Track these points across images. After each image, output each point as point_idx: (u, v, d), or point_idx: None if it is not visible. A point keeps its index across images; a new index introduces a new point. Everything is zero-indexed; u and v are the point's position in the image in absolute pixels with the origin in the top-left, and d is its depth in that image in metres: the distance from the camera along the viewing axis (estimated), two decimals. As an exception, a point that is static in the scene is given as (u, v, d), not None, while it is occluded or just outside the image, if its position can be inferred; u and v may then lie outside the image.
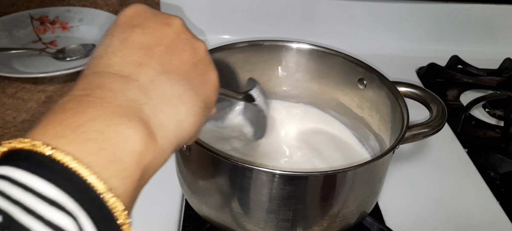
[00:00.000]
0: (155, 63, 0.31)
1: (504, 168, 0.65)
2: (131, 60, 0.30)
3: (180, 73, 0.32)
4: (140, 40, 0.31)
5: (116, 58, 0.30)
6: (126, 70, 0.30)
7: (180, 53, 0.33)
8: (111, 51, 0.31)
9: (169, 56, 0.32)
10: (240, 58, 0.62)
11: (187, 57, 0.33)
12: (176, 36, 0.33)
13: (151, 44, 0.31)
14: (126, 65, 0.30)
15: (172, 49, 0.32)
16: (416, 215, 0.58)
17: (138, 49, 0.31)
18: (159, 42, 0.32)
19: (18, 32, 0.89)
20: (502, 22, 0.95)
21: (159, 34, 0.32)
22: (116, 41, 0.31)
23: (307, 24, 0.92)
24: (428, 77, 0.87)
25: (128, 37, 0.31)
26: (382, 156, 0.46)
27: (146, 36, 0.32)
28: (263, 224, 0.46)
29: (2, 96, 0.73)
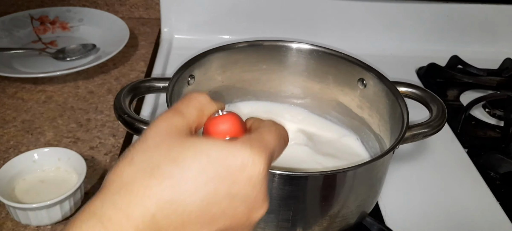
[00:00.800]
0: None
1: (504, 168, 0.65)
2: (182, 217, 0.28)
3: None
4: (219, 213, 0.29)
5: (175, 204, 0.27)
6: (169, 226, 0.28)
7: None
8: (183, 190, 0.28)
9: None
10: (240, 58, 0.62)
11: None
12: (245, 228, 0.31)
13: (219, 220, 0.29)
14: (172, 219, 0.28)
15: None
16: (416, 215, 0.58)
17: (203, 207, 0.28)
18: (227, 219, 0.29)
19: (18, 32, 0.89)
20: (502, 22, 0.95)
21: (234, 219, 0.30)
22: (196, 181, 0.28)
23: (307, 24, 0.92)
24: (428, 77, 0.87)
25: (206, 188, 0.28)
26: (382, 156, 0.46)
27: (227, 212, 0.29)
28: (263, 224, 0.46)
29: (2, 96, 0.73)
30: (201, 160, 0.28)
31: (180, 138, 0.30)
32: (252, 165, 0.29)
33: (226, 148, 0.29)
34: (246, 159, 0.29)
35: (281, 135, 0.33)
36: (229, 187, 0.29)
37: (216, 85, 0.62)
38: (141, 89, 0.54)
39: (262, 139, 0.31)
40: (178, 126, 0.31)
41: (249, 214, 0.30)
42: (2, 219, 0.53)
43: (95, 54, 0.84)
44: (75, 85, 0.77)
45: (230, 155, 0.29)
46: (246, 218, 0.30)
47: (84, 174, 0.53)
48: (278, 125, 0.34)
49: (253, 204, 0.30)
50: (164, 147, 0.29)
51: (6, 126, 0.67)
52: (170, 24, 0.92)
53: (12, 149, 0.62)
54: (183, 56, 0.59)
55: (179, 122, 0.31)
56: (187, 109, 0.32)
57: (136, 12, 1.00)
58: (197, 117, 0.32)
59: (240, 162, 0.29)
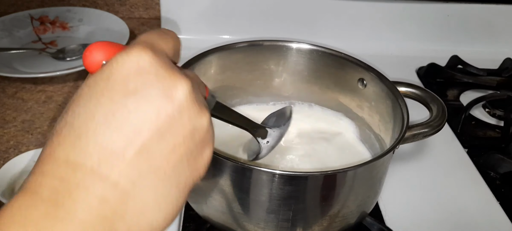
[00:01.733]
0: (142, 158, 0.26)
1: (504, 168, 0.65)
2: (114, 150, 0.25)
3: (168, 168, 0.27)
4: (131, 121, 0.26)
5: (97, 144, 0.25)
6: (107, 164, 0.25)
7: (175, 137, 0.27)
8: (92, 129, 0.25)
9: (160, 146, 0.26)
10: (240, 58, 0.62)
11: (182, 142, 0.27)
12: (176, 114, 0.27)
13: (143, 128, 0.26)
14: (108, 159, 0.25)
15: (166, 135, 0.27)
16: (416, 215, 0.58)
17: (126, 134, 0.25)
18: (152, 126, 0.26)
19: (18, 32, 0.89)
20: (502, 22, 0.95)
21: (155, 113, 0.26)
22: (101, 113, 0.25)
23: (307, 24, 0.92)
24: (428, 77, 0.87)
25: (116, 112, 0.25)
26: (382, 156, 0.46)
27: (139, 115, 0.26)
28: (263, 224, 0.46)
29: (2, 96, 0.73)
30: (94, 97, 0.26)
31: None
32: (136, 58, 0.26)
33: (103, 71, 0.27)
34: (120, 63, 0.26)
35: (162, 32, 0.30)
36: (129, 98, 0.26)
37: (216, 85, 0.62)
38: (141, 89, 0.54)
39: (136, 41, 0.28)
40: None
41: (168, 97, 0.27)
42: (2, 219, 0.53)
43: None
44: (75, 85, 0.77)
45: (111, 71, 0.26)
46: (169, 105, 0.27)
47: (84, 174, 0.53)
48: (160, 29, 0.31)
49: (162, 89, 0.26)
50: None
51: (6, 126, 0.67)
52: (170, 24, 0.92)
53: (12, 149, 0.62)
54: (183, 56, 0.59)
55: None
56: None
57: (136, 12, 1.00)
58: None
59: (126, 68, 0.26)
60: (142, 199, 0.26)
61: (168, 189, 0.27)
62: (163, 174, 0.27)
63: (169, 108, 0.27)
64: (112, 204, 0.25)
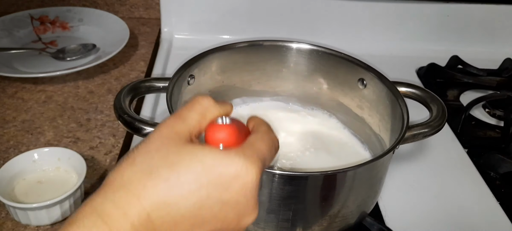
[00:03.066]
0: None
1: (504, 168, 0.65)
2: (175, 221, 0.30)
3: None
4: (204, 218, 0.31)
5: (167, 207, 0.29)
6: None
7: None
8: (176, 194, 0.30)
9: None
10: (240, 58, 0.62)
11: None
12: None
13: (210, 220, 0.31)
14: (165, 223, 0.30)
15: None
16: (416, 215, 0.58)
17: (195, 213, 0.30)
18: (217, 226, 0.32)
19: (18, 32, 0.89)
20: (502, 22, 0.95)
21: (222, 227, 0.32)
22: (189, 187, 0.30)
23: (307, 24, 0.92)
24: (428, 77, 0.87)
25: (202, 208, 0.30)
26: (382, 156, 0.46)
27: (211, 222, 0.31)
28: (263, 224, 0.46)
29: (2, 96, 0.73)
30: (196, 166, 0.30)
31: (179, 144, 0.31)
32: (245, 174, 0.31)
33: (220, 157, 0.31)
34: (239, 168, 0.31)
35: (273, 144, 0.35)
36: (221, 194, 0.30)
37: (216, 85, 0.62)
38: (141, 89, 0.54)
39: (255, 148, 0.32)
40: (179, 132, 0.32)
41: (239, 219, 0.32)
42: (2, 219, 0.53)
43: (95, 54, 0.84)
44: (75, 85, 0.77)
45: (223, 164, 0.30)
46: (235, 223, 0.32)
47: (84, 174, 0.53)
48: (271, 133, 0.36)
49: (244, 210, 0.32)
50: (163, 151, 0.31)
51: (6, 126, 0.67)
52: (170, 24, 0.92)
53: (12, 149, 0.62)
54: (183, 56, 0.59)
55: (180, 128, 0.32)
56: (189, 114, 0.33)
57: (136, 12, 1.00)
58: (198, 122, 0.33)
59: (233, 171, 0.30)
60: None
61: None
62: None
63: (234, 225, 0.32)
64: None
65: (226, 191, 0.30)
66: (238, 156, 0.31)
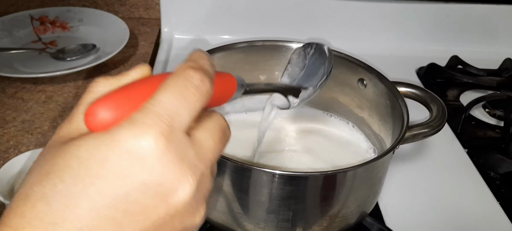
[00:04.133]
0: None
1: (504, 168, 0.65)
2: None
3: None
4: (117, 219, 0.23)
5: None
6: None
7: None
8: (70, 219, 0.22)
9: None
10: (240, 58, 0.62)
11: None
12: (168, 218, 0.25)
13: (128, 228, 0.23)
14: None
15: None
16: (416, 215, 0.58)
17: (106, 228, 0.23)
18: (138, 226, 0.24)
19: (18, 32, 0.89)
20: (502, 22, 0.95)
21: (145, 214, 0.24)
22: (84, 207, 0.22)
23: (307, 24, 0.92)
24: (428, 78, 0.87)
25: (102, 209, 0.23)
26: (382, 156, 0.46)
27: (127, 214, 0.23)
28: (263, 224, 0.46)
29: (2, 96, 0.73)
30: (72, 164, 0.23)
31: (55, 148, 0.25)
32: (137, 145, 0.23)
33: (98, 140, 0.23)
34: (127, 141, 0.23)
35: (192, 87, 0.25)
36: (117, 188, 0.23)
37: (216, 85, 0.62)
38: (141, 89, 0.54)
39: (150, 107, 0.24)
40: (62, 136, 0.26)
41: (164, 201, 0.24)
42: (2, 219, 0.53)
43: (95, 54, 0.84)
44: (75, 85, 0.77)
45: (104, 147, 0.23)
46: (162, 208, 0.24)
47: (84, 174, 0.53)
48: (188, 73, 0.26)
49: (160, 189, 0.24)
50: (37, 166, 0.24)
51: (6, 126, 0.67)
52: (170, 24, 0.92)
53: (12, 149, 0.62)
54: (183, 56, 0.59)
55: (63, 132, 0.26)
56: (76, 112, 0.26)
57: (136, 12, 1.00)
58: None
59: (123, 148, 0.23)
60: None
61: None
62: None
63: (162, 212, 0.24)
64: None
65: (125, 178, 0.23)
66: (123, 129, 0.23)
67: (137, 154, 0.23)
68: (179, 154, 0.24)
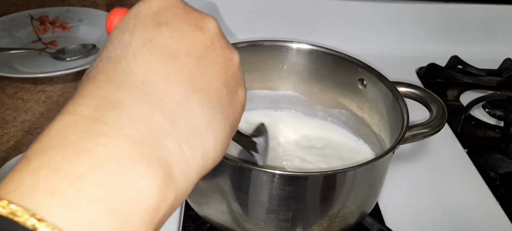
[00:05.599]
0: (184, 77, 0.25)
1: (504, 168, 0.65)
2: (157, 70, 0.25)
3: (211, 93, 0.27)
4: (168, 45, 0.26)
5: (139, 65, 0.24)
6: (151, 83, 0.24)
7: (213, 66, 0.27)
8: (131, 54, 0.25)
9: (200, 69, 0.26)
10: (240, 58, 0.62)
11: (219, 72, 0.28)
12: (210, 44, 0.28)
13: (180, 52, 0.26)
14: (151, 77, 0.24)
15: (203, 60, 0.27)
16: (416, 215, 0.58)
17: (165, 56, 0.25)
18: (189, 51, 0.26)
19: (18, 32, 0.89)
20: (502, 23, 0.95)
21: (190, 40, 0.27)
22: (137, 41, 0.25)
23: (307, 24, 0.92)
24: (428, 78, 0.87)
25: (153, 38, 0.26)
26: (382, 156, 0.46)
27: (175, 40, 0.26)
28: (263, 224, 0.46)
29: (2, 96, 0.73)
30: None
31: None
32: (159, 3, 0.28)
33: (130, 12, 0.28)
34: (147, 2, 0.27)
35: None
36: (161, 28, 0.27)
37: (216, 85, 0.62)
38: (141, 89, 0.54)
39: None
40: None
41: (197, 28, 0.28)
42: (2, 219, 0.52)
43: (95, 54, 0.84)
44: (75, 86, 0.77)
45: (139, 9, 0.27)
46: (200, 33, 0.28)
47: (84, 174, 0.53)
48: None
49: (191, 18, 0.28)
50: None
51: (6, 126, 0.67)
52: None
53: (12, 149, 0.62)
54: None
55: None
56: None
57: (136, 12, 1.00)
58: None
59: (153, 8, 0.27)
60: (191, 117, 0.25)
61: (214, 112, 0.27)
62: (207, 96, 0.26)
63: (202, 37, 0.27)
64: (158, 120, 0.23)
65: (166, 20, 0.27)
66: None
67: (161, 4, 0.27)
68: (190, 6, 0.29)
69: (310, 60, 0.62)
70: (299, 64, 0.63)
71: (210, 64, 0.27)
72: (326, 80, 0.63)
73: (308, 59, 0.62)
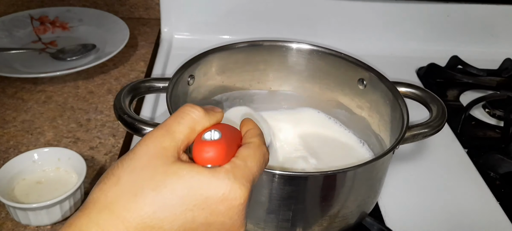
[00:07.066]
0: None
1: (504, 168, 0.65)
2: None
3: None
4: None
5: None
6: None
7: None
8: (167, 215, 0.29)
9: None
10: (240, 58, 0.62)
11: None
12: None
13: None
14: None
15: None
16: (416, 215, 0.58)
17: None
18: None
19: (18, 32, 0.89)
20: (502, 23, 0.95)
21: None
22: (180, 221, 0.30)
23: (307, 24, 0.92)
24: (428, 78, 0.87)
25: (190, 217, 0.30)
26: (382, 156, 0.46)
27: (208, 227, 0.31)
28: (263, 224, 0.46)
29: (2, 96, 0.73)
30: (182, 189, 0.29)
31: (166, 163, 0.30)
32: (233, 197, 0.30)
33: (207, 179, 0.30)
34: (227, 191, 0.30)
35: (264, 159, 0.34)
36: (207, 217, 0.30)
37: (216, 85, 0.62)
38: (141, 90, 0.54)
39: (245, 166, 0.31)
40: (167, 148, 0.31)
41: None
42: (2, 219, 0.53)
43: (95, 54, 0.84)
44: (75, 85, 0.77)
45: (211, 187, 0.30)
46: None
47: (84, 174, 0.53)
48: (262, 146, 0.34)
49: (229, 229, 0.31)
50: (149, 170, 0.30)
51: (6, 126, 0.67)
52: (170, 24, 0.92)
53: (12, 149, 0.62)
54: (183, 56, 0.59)
55: (167, 144, 0.31)
56: (178, 128, 0.32)
57: (136, 12, 1.00)
58: (187, 136, 0.32)
59: (221, 194, 0.30)
60: None
61: None
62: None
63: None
64: None
65: (212, 213, 0.30)
66: (227, 177, 0.30)
67: (228, 196, 0.30)
68: (246, 206, 0.32)
69: (310, 60, 0.62)
70: (299, 64, 0.63)
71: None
72: (326, 80, 0.63)
73: (308, 59, 0.62)
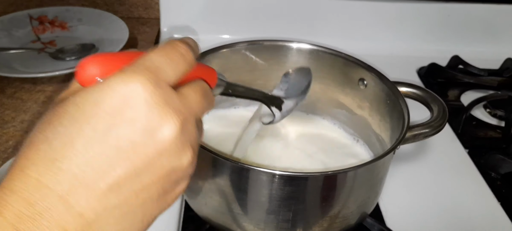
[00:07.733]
0: (112, 192, 0.26)
1: (505, 168, 0.65)
2: (86, 182, 0.25)
3: (136, 204, 0.27)
4: (108, 154, 0.25)
5: (70, 172, 0.25)
6: (74, 196, 0.25)
7: (150, 177, 0.27)
8: (69, 157, 0.25)
9: (133, 182, 0.26)
10: (240, 58, 0.61)
11: (156, 181, 0.27)
12: (156, 155, 0.27)
13: (119, 163, 0.26)
14: (78, 189, 0.25)
15: (141, 172, 0.26)
16: (417, 216, 0.58)
17: (101, 166, 0.25)
18: (129, 161, 0.26)
19: (17, 32, 0.89)
20: (503, 22, 0.95)
21: (134, 149, 0.26)
22: (81, 142, 0.25)
23: (307, 24, 0.92)
24: (429, 78, 0.87)
25: (96, 144, 0.25)
26: (383, 156, 0.45)
27: (119, 150, 0.26)
28: (263, 225, 0.46)
29: (1, 96, 0.73)
30: (77, 117, 0.26)
31: (55, 108, 0.27)
32: (128, 89, 0.26)
33: (93, 90, 0.26)
34: (120, 87, 0.26)
35: (174, 51, 0.29)
36: (118, 130, 0.26)
37: (216, 85, 0.62)
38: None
39: (138, 62, 0.27)
40: (61, 98, 0.28)
41: (151, 138, 0.26)
42: (1, 219, 0.52)
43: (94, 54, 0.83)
44: (74, 85, 0.76)
45: (102, 94, 0.26)
46: (150, 145, 0.26)
47: (83, 175, 0.53)
48: (173, 43, 0.29)
49: (148, 126, 0.26)
50: (49, 126, 0.27)
51: (6, 126, 0.66)
52: (169, 24, 0.92)
53: (12, 149, 0.62)
54: (183, 56, 0.59)
55: (62, 94, 0.29)
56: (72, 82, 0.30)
57: (136, 12, 1.00)
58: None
59: (117, 95, 0.26)
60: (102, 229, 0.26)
61: (132, 222, 0.27)
62: (129, 209, 0.27)
63: (150, 148, 0.26)
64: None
65: (116, 116, 0.25)
66: (114, 77, 0.26)
67: (127, 95, 0.26)
68: (163, 98, 0.27)
69: (310, 60, 0.62)
70: (299, 64, 0.63)
71: (147, 177, 0.27)
72: (327, 80, 0.63)
73: (308, 59, 0.62)
